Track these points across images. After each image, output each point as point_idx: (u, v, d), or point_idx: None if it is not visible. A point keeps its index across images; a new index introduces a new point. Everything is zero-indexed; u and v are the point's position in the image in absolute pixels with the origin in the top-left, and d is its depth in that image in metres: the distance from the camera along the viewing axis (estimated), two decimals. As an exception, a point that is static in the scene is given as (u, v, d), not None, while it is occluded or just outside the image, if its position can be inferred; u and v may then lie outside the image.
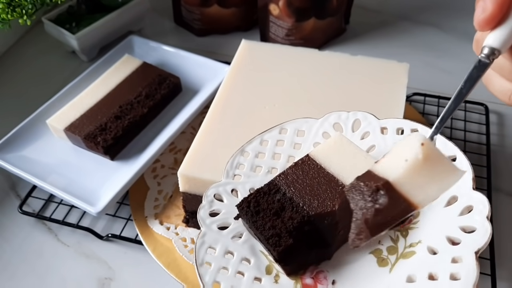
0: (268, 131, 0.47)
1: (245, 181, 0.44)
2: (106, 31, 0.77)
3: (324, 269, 0.39)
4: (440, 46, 0.80)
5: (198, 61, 0.69)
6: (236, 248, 0.40)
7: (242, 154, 0.45)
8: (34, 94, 0.72)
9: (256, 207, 0.40)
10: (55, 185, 0.54)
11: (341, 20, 0.81)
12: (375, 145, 0.44)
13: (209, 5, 0.79)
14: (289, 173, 0.41)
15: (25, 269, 0.53)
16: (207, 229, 0.41)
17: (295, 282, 0.39)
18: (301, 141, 0.46)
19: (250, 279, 0.38)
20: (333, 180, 0.39)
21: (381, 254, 0.39)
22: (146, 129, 0.62)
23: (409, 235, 0.39)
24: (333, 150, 0.42)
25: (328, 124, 0.46)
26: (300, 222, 0.38)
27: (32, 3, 0.61)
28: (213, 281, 0.38)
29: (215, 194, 0.43)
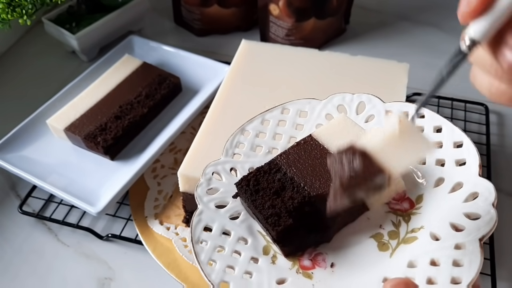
0: (269, 111, 0.46)
1: (245, 160, 0.43)
2: (106, 31, 0.77)
3: (323, 252, 0.39)
4: (440, 46, 0.80)
5: (198, 61, 0.69)
6: (233, 228, 0.39)
7: (242, 133, 0.45)
8: (34, 94, 0.72)
9: (255, 186, 0.39)
10: (55, 185, 0.54)
11: (341, 20, 0.81)
12: None
13: (209, 5, 0.79)
14: (290, 152, 0.40)
15: (25, 269, 0.53)
16: (204, 207, 0.40)
17: (292, 264, 0.38)
18: (303, 122, 0.45)
19: (246, 259, 0.38)
20: None
21: (382, 239, 0.38)
22: (146, 129, 0.62)
23: (411, 220, 0.39)
24: (336, 131, 0.41)
25: (332, 106, 0.45)
26: (300, 202, 0.37)
27: (32, 3, 0.61)
28: (208, 259, 0.37)
29: (213, 172, 0.42)
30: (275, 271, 0.37)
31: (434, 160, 0.40)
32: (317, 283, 0.36)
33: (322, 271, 0.37)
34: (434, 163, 0.40)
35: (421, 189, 0.40)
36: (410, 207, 0.40)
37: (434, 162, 0.40)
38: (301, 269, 0.38)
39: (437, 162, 0.40)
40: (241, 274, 0.37)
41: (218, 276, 0.36)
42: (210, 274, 0.36)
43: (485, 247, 0.51)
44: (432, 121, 0.43)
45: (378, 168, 0.32)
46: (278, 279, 0.37)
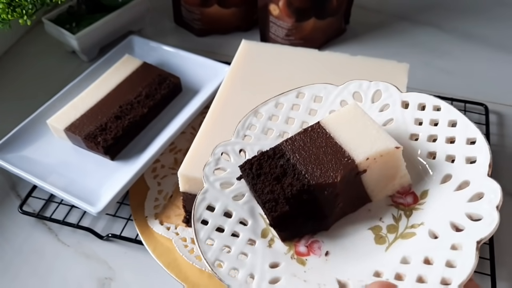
0: (284, 94, 0.46)
1: (255, 142, 0.43)
2: (106, 31, 0.77)
3: (319, 239, 0.38)
4: (440, 46, 0.80)
5: (198, 61, 0.69)
6: (236, 208, 0.40)
7: (255, 115, 0.45)
8: (34, 94, 0.72)
9: (258, 170, 0.39)
10: (55, 185, 0.54)
11: (341, 20, 0.81)
12: (393, 119, 0.43)
13: (209, 5, 0.79)
14: (296, 139, 0.40)
15: (25, 269, 0.53)
16: (210, 186, 0.40)
17: (288, 249, 0.38)
18: (317, 107, 0.45)
19: (244, 240, 0.38)
20: (339, 151, 0.38)
21: (380, 232, 0.38)
22: (146, 129, 0.62)
23: (412, 215, 0.38)
24: (345, 120, 0.40)
25: (348, 93, 0.44)
26: (299, 190, 0.37)
27: (32, 3, 0.61)
28: (207, 238, 0.38)
29: (222, 152, 0.43)
30: (270, 254, 0.37)
31: (445, 156, 0.40)
32: (309, 270, 0.36)
33: (316, 258, 0.37)
34: (444, 159, 0.40)
35: (427, 184, 0.39)
36: (413, 201, 0.39)
37: (444, 158, 0.40)
38: (296, 255, 0.38)
39: (447, 158, 0.40)
40: (236, 254, 0.37)
41: (214, 254, 0.37)
42: (206, 252, 0.37)
43: (485, 247, 0.51)
44: (447, 115, 0.42)
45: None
46: (272, 262, 0.37)
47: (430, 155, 0.40)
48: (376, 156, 0.37)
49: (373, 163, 0.37)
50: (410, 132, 0.42)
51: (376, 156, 0.37)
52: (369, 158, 0.37)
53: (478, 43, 0.80)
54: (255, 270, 0.36)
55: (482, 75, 0.74)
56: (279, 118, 0.45)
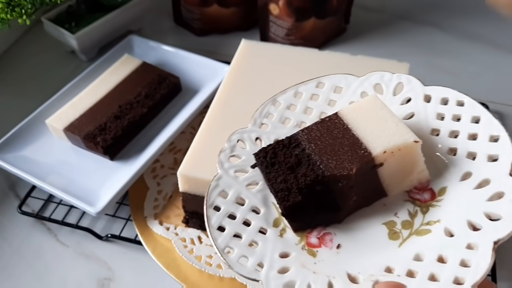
0: (304, 83, 0.45)
1: (271, 131, 0.43)
2: (106, 30, 0.76)
3: (331, 232, 0.38)
4: (440, 46, 0.80)
5: (198, 61, 0.69)
6: (249, 196, 0.39)
7: (273, 104, 0.44)
8: (33, 94, 0.72)
9: (272, 159, 0.39)
10: (54, 185, 0.54)
11: (341, 20, 0.81)
12: (415, 113, 0.41)
13: (209, 4, 0.79)
14: (313, 129, 0.39)
15: (24, 269, 0.53)
16: (224, 173, 0.40)
17: (300, 239, 0.38)
18: (337, 98, 0.44)
19: (255, 228, 0.38)
20: (356, 143, 0.37)
21: (395, 227, 0.37)
22: (146, 129, 0.62)
23: (429, 212, 0.37)
24: (364, 112, 0.39)
25: (369, 84, 0.43)
26: (313, 180, 0.36)
27: (31, 2, 0.61)
28: (218, 224, 0.37)
29: (238, 139, 0.42)
30: (281, 244, 0.37)
31: (466, 153, 0.38)
32: (320, 262, 0.36)
33: (328, 251, 0.37)
34: (465, 156, 0.38)
35: (446, 181, 0.38)
36: (431, 198, 0.38)
37: (465, 155, 0.38)
38: (307, 246, 0.37)
39: (469, 154, 0.38)
40: (247, 242, 0.37)
41: (224, 241, 0.36)
42: (217, 239, 0.37)
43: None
44: (471, 110, 0.40)
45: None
46: (282, 252, 0.36)
47: (451, 151, 0.39)
48: (393, 150, 0.36)
49: (391, 157, 0.36)
50: (431, 127, 0.40)
51: (393, 149, 0.36)
52: (386, 151, 0.36)
53: (479, 43, 0.80)
54: (264, 258, 0.36)
55: (482, 75, 0.74)
56: (297, 108, 0.44)
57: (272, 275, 0.35)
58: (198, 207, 0.51)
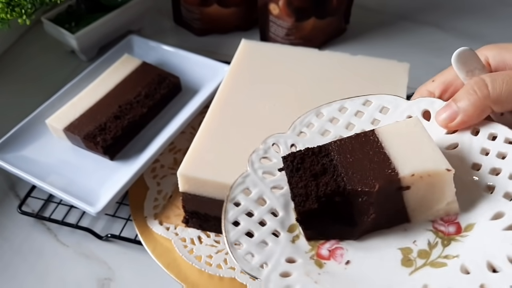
0: (351, 99, 0.45)
1: (308, 140, 0.42)
2: (106, 30, 0.76)
3: (344, 247, 0.37)
4: (440, 46, 0.80)
5: (198, 61, 0.69)
6: (271, 198, 0.39)
7: (316, 114, 0.44)
8: (33, 94, 0.72)
9: (298, 164, 0.39)
10: (54, 185, 0.54)
11: (341, 20, 0.81)
12: (459, 144, 0.40)
13: (209, 4, 0.79)
14: (346, 141, 0.39)
15: (24, 269, 0.53)
16: (252, 172, 0.40)
17: (311, 248, 0.37)
18: (381, 118, 0.43)
19: (269, 229, 0.38)
20: (386, 162, 0.36)
21: (410, 254, 0.36)
22: (146, 129, 0.62)
23: (450, 245, 0.36)
24: (401, 133, 0.38)
25: (417, 109, 0.42)
26: (333, 190, 0.36)
27: (31, 2, 0.61)
28: (234, 219, 0.38)
29: (274, 143, 0.42)
30: (291, 249, 0.37)
31: (503, 192, 0.36)
32: (324, 274, 0.35)
33: (336, 265, 0.36)
34: (502, 195, 0.36)
35: (476, 218, 0.36)
36: (455, 232, 0.36)
37: (502, 194, 0.36)
38: (316, 256, 0.37)
39: (506, 194, 0.36)
40: (258, 241, 0.37)
41: (236, 235, 0.37)
42: (229, 232, 0.37)
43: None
44: None
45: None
46: (289, 257, 0.36)
47: (488, 188, 0.37)
48: (423, 174, 0.34)
49: (419, 181, 0.35)
50: (473, 161, 0.39)
51: (423, 174, 0.34)
52: (414, 174, 0.34)
53: (479, 42, 0.79)
54: (270, 259, 0.36)
55: (482, 75, 0.74)
56: (340, 122, 0.44)
57: (274, 276, 0.35)
58: (198, 207, 0.51)
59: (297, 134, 0.43)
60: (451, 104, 0.39)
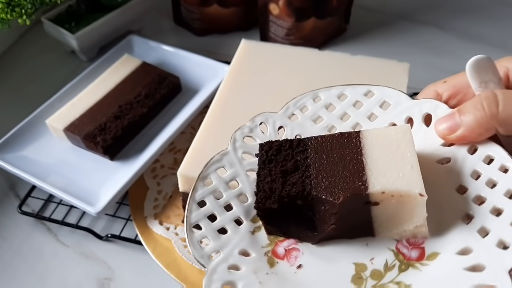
0: (353, 86, 0.42)
1: (298, 125, 0.41)
2: (106, 30, 0.76)
3: (301, 249, 0.36)
4: (440, 46, 0.80)
5: (198, 61, 0.69)
6: (244, 181, 0.38)
7: (313, 97, 0.42)
8: (33, 94, 0.72)
9: (272, 156, 0.37)
10: (54, 185, 0.54)
11: (341, 20, 0.81)
12: (451, 159, 0.36)
13: (209, 4, 0.79)
14: (327, 140, 0.37)
15: (24, 269, 0.53)
16: (232, 151, 0.39)
17: (268, 244, 0.36)
18: (380, 114, 0.40)
19: (232, 216, 0.37)
20: (360, 172, 0.34)
21: (363, 272, 0.34)
22: (146, 129, 0.62)
23: (406, 272, 0.33)
24: (387, 140, 0.35)
25: (418, 111, 0.39)
26: (297, 194, 0.35)
27: (31, 2, 0.61)
28: (201, 198, 0.37)
29: (262, 122, 0.41)
30: (248, 241, 0.36)
31: (479, 226, 0.33)
32: (272, 274, 0.34)
33: (287, 267, 0.35)
34: (477, 229, 0.33)
35: (442, 247, 0.34)
36: (417, 258, 0.34)
37: (477, 228, 0.33)
38: (271, 253, 0.36)
39: (481, 230, 0.33)
40: (217, 227, 0.36)
41: (197, 217, 0.36)
42: (192, 212, 0.36)
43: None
44: (510, 181, 0.34)
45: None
46: (243, 249, 0.36)
47: (467, 217, 0.34)
48: (394, 194, 0.32)
49: (389, 199, 0.33)
50: (460, 183, 0.35)
51: (394, 193, 0.32)
52: (385, 192, 0.32)
53: (479, 42, 0.80)
54: (224, 249, 0.35)
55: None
56: (335, 110, 0.41)
57: (221, 268, 0.34)
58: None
59: (288, 116, 0.41)
60: (455, 115, 0.36)
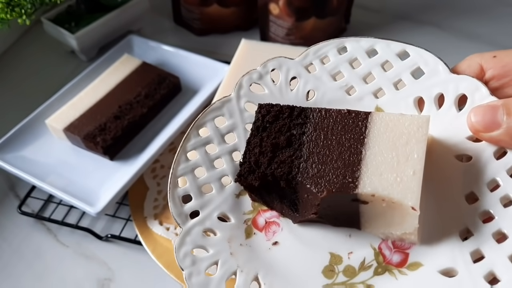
0: (386, 42, 0.36)
1: (312, 78, 0.36)
2: (106, 30, 0.76)
3: (281, 225, 0.33)
4: (441, 46, 0.80)
5: (197, 61, 0.69)
6: (240, 135, 0.36)
7: (337, 48, 0.37)
8: (33, 94, 0.72)
9: (268, 122, 0.34)
10: (54, 185, 0.54)
11: (341, 20, 0.80)
12: (472, 158, 0.32)
13: (209, 4, 0.79)
14: (331, 116, 0.32)
15: (24, 269, 0.53)
16: (235, 99, 0.36)
17: (251, 211, 0.34)
18: (408, 82, 0.35)
19: (219, 174, 0.35)
20: (355, 165, 0.30)
21: (337, 265, 0.32)
22: (146, 129, 0.62)
23: (381, 276, 0.31)
24: (396, 132, 0.31)
25: (454, 89, 0.33)
26: (281, 175, 0.32)
27: (31, 2, 0.61)
28: (192, 149, 0.35)
29: (274, 68, 0.37)
30: (230, 203, 0.34)
31: (474, 247, 0.30)
32: (246, 246, 0.33)
33: (263, 241, 0.33)
34: (470, 250, 0.30)
35: (427, 259, 0.31)
36: (397, 264, 0.31)
37: (472, 248, 0.30)
38: (251, 221, 0.34)
39: (474, 252, 0.30)
40: (202, 183, 0.34)
41: (184, 170, 0.34)
42: (179, 163, 0.34)
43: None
44: None
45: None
46: (223, 212, 0.34)
47: (466, 232, 0.31)
48: (385, 199, 0.29)
49: (379, 202, 0.30)
50: (471, 189, 0.31)
51: (385, 198, 0.29)
52: (375, 195, 0.29)
53: (478, 42, 0.80)
54: (204, 210, 0.33)
55: (482, 75, 0.74)
56: (360, 67, 0.36)
57: (196, 231, 0.33)
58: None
59: (305, 66, 0.37)
60: (498, 110, 0.29)
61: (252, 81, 0.37)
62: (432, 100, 0.34)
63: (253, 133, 0.34)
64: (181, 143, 0.35)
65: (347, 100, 0.36)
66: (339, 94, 0.36)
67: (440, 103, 0.34)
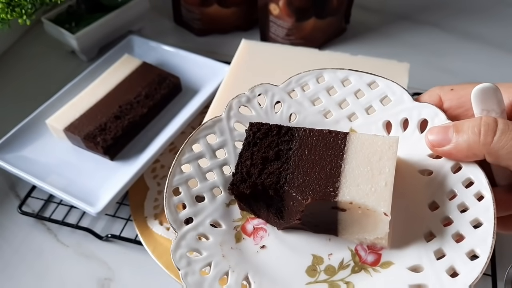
0: (359, 73, 0.40)
1: (295, 103, 0.40)
2: (106, 30, 0.76)
3: (268, 230, 0.37)
4: (441, 46, 0.80)
5: (198, 61, 0.69)
6: (230, 151, 0.39)
7: (317, 78, 0.41)
8: (33, 94, 0.72)
9: (258, 139, 0.38)
10: (54, 185, 0.54)
11: (341, 20, 0.81)
12: (433, 173, 0.36)
13: (209, 4, 0.79)
14: (314, 134, 0.37)
15: (24, 269, 0.53)
16: (226, 118, 0.40)
17: (240, 219, 0.38)
18: (378, 109, 0.40)
19: (211, 185, 0.38)
20: (335, 177, 0.34)
21: (319, 265, 0.35)
22: (146, 129, 0.62)
23: (358, 274, 0.35)
24: (370, 150, 0.35)
25: (417, 115, 0.38)
26: (270, 185, 0.36)
27: (31, 2, 0.61)
28: (187, 162, 0.38)
29: (260, 93, 0.41)
30: (221, 211, 0.37)
31: (437, 247, 0.34)
32: (237, 250, 0.36)
33: (251, 245, 0.36)
34: (434, 250, 0.34)
35: (397, 258, 0.35)
36: (372, 263, 0.35)
37: (434, 248, 0.34)
38: (240, 228, 0.37)
39: (437, 251, 0.34)
40: (195, 193, 0.37)
41: (178, 181, 0.37)
42: (175, 175, 0.38)
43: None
44: (476, 212, 0.34)
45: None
46: (214, 220, 0.37)
47: (429, 235, 0.35)
48: (361, 206, 0.33)
49: (355, 209, 0.34)
50: (433, 199, 0.36)
51: (361, 206, 0.33)
52: (353, 203, 0.33)
53: (479, 43, 0.80)
54: (197, 217, 0.36)
55: (482, 75, 0.74)
56: (336, 95, 0.40)
57: (190, 236, 0.35)
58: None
59: (288, 92, 0.41)
60: (449, 130, 0.35)
61: (240, 104, 0.40)
62: (398, 124, 0.39)
63: (245, 148, 0.38)
64: (175, 157, 0.38)
65: (325, 122, 0.40)
66: (318, 117, 0.41)
67: (405, 126, 0.39)
